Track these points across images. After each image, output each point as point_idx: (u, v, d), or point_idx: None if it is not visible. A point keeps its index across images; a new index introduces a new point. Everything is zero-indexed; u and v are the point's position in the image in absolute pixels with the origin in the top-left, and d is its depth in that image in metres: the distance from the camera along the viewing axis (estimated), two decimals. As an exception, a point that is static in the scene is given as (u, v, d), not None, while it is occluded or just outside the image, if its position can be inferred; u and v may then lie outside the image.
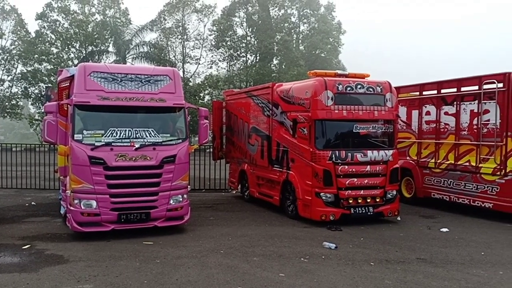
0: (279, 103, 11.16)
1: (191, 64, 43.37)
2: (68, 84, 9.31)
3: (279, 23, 44.91)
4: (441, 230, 9.72)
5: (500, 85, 10.56)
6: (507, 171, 10.39)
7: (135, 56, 40.59)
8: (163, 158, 8.66)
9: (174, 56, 42.88)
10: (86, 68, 8.72)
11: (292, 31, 47.25)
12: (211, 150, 15.06)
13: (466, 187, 11.44)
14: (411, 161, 13.10)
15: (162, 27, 42.08)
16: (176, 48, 43.06)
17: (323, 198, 9.81)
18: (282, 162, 11.00)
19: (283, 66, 44.64)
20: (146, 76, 8.96)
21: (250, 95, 12.84)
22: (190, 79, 43.47)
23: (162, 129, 9.04)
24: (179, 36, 42.49)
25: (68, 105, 8.71)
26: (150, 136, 8.75)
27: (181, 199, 8.96)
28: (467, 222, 10.68)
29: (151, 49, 40.55)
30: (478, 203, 11.10)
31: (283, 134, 10.92)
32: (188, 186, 9.26)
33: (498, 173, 10.56)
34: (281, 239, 8.56)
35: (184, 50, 42.90)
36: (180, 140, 9.05)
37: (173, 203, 8.84)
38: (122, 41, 40.50)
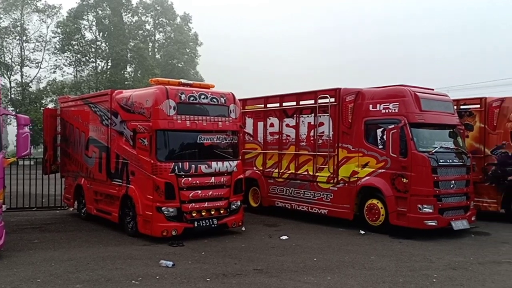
0: (118, 111, 10.35)
1: (31, 67, 39.24)
2: None
3: (133, 30, 43.44)
4: (281, 238, 9.96)
5: (332, 99, 11.39)
6: (339, 179, 11.21)
7: (-41, 56, 35.15)
8: (-33, 174, 7.24)
9: (11, 59, 38.29)
10: None
11: (148, 39, 46.17)
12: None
13: (305, 195, 12.06)
14: (257, 171, 13.39)
15: (-4, 25, 37.27)
16: (13, 49, 38.56)
17: (165, 212, 9.28)
18: (122, 176, 10.18)
19: (138, 74, 43.16)
20: None
21: (87, 103, 11.72)
22: (30, 84, 39.15)
23: (-31, 140, 7.59)
24: (17, 37, 38.09)
25: None
26: (-50, 148, 7.26)
27: (-9, 222, 7.58)
28: (306, 228, 11.18)
29: (-18, 49, 35.56)
30: (315, 210, 11.77)
31: (122, 145, 10.13)
32: (4, 206, 7.93)
33: (332, 181, 11.33)
34: (114, 261, 7.77)
35: (23, 52, 38.62)
36: (-9, 153, 7.68)
37: (-19, 227, 7.43)
38: None
